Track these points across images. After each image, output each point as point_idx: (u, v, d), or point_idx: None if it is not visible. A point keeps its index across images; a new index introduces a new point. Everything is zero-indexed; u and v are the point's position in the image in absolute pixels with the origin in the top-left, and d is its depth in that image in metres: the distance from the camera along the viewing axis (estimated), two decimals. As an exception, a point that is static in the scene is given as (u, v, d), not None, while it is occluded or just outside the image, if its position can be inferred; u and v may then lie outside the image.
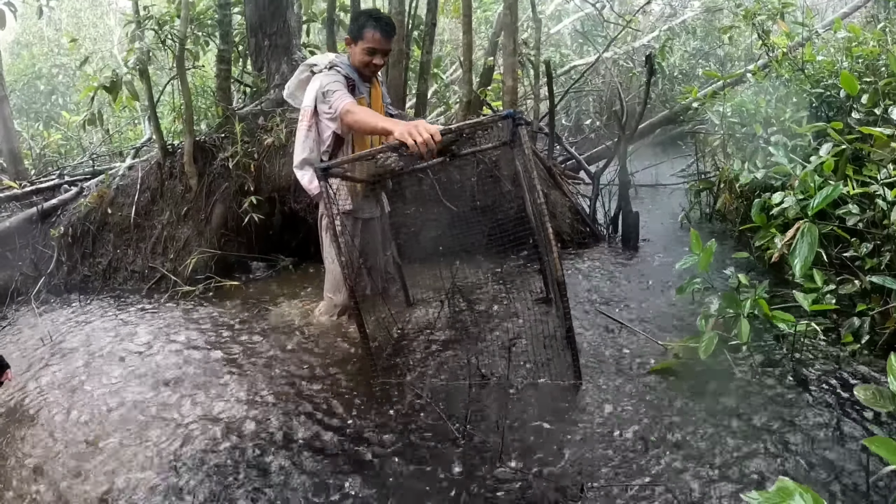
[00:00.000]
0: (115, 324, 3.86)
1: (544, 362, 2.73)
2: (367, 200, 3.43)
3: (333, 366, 2.94)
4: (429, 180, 4.40)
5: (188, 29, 5.16)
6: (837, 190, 2.44)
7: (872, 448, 1.36)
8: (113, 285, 4.80)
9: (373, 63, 3.20)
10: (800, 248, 2.42)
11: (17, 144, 8.81)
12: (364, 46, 3.15)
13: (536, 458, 2.06)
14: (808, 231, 2.42)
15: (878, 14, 6.42)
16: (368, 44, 3.14)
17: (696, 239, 2.64)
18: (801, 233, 2.44)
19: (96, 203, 5.07)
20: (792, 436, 2.03)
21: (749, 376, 2.43)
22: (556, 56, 8.98)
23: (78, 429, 2.52)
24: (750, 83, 4.82)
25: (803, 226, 2.45)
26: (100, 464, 2.25)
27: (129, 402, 2.71)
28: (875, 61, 3.71)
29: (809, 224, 2.44)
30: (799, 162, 2.97)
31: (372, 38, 3.13)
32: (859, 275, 2.66)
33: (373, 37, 3.13)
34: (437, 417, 2.36)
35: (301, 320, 3.58)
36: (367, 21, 3.16)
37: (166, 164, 4.91)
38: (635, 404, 2.35)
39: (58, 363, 3.28)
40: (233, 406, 2.60)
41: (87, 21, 14.92)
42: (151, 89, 5.10)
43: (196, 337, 3.47)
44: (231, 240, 4.56)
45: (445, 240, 3.84)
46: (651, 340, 2.89)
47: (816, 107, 3.83)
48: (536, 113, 6.17)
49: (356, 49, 3.19)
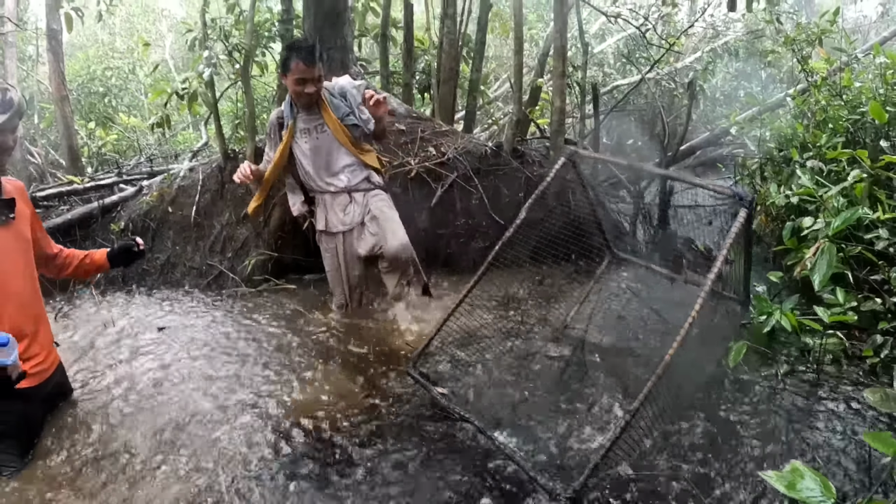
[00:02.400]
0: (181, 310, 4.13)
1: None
2: (343, 214, 3.68)
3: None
4: (478, 194, 4.59)
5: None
6: (856, 214, 2.68)
7: (871, 442, 1.58)
8: (171, 280, 5.06)
9: (305, 92, 3.40)
10: (819, 265, 2.65)
11: (76, 142, 9.21)
12: (293, 78, 3.38)
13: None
14: (828, 250, 2.65)
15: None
16: (296, 74, 3.36)
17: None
18: (821, 251, 2.67)
19: (157, 201, 5.34)
20: (807, 433, 2.24)
21: (773, 383, 2.62)
22: (599, 75, 9.13)
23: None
24: (790, 108, 4.91)
25: (823, 245, 2.67)
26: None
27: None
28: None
29: (829, 244, 2.66)
30: (828, 186, 3.11)
31: (297, 68, 3.35)
32: (883, 295, 2.80)
33: (297, 67, 3.34)
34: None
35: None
36: (290, 54, 3.39)
37: (227, 168, 5.17)
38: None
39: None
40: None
41: (139, 27, 15.44)
42: (216, 97, 5.38)
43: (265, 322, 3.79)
44: (287, 242, 4.78)
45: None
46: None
47: (853, 132, 3.91)
48: (582, 132, 6.33)
49: (288, 82, 3.44)
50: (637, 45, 8.88)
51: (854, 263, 2.96)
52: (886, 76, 3.96)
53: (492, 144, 5.04)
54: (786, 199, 3.63)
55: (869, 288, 2.96)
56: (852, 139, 3.86)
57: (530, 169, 4.91)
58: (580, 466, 2.09)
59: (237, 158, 5.19)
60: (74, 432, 2.55)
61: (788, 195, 3.64)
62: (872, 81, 4.22)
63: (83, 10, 9.68)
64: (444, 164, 4.76)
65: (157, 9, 15.95)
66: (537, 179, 4.84)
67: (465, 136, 5.10)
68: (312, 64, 3.37)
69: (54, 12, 9.52)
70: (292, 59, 3.36)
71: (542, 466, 2.16)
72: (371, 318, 3.81)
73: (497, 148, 4.96)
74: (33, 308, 2.54)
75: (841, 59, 5.00)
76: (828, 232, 2.70)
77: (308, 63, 3.35)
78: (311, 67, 3.37)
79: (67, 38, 15.64)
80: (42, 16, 10.46)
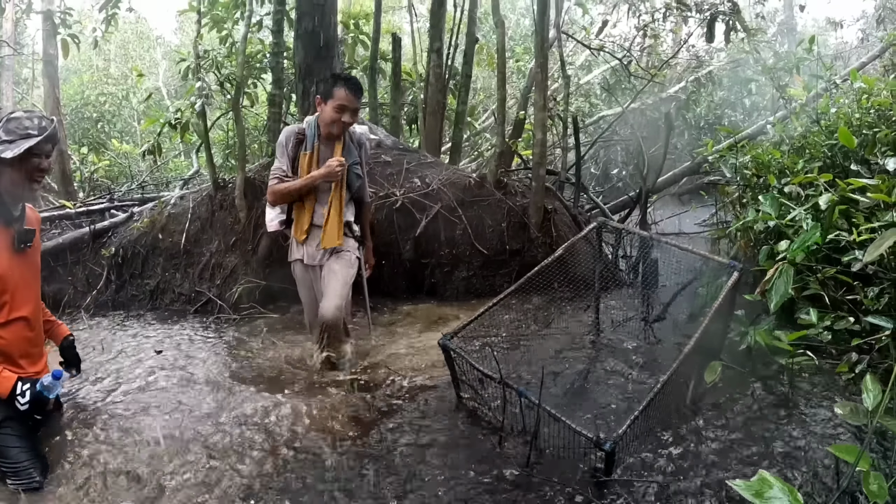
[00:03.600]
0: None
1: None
2: (316, 251, 3.66)
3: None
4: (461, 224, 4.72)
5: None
6: (815, 236, 2.78)
7: (836, 453, 1.70)
8: (160, 305, 5.14)
9: (342, 120, 3.46)
10: (777, 286, 2.75)
11: (69, 166, 9.32)
12: (334, 104, 3.42)
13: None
14: (785, 271, 2.76)
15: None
16: (338, 101, 3.40)
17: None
18: (779, 272, 2.78)
19: (148, 228, 5.43)
20: (778, 445, 2.32)
21: (749, 401, 2.70)
22: (585, 106, 9.33)
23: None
24: (770, 135, 5.04)
25: (781, 266, 2.78)
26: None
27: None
28: (888, 111, 3.82)
29: (786, 265, 2.77)
30: (797, 210, 3.24)
31: (341, 95, 3.40)
32: (858, 314, 2.92)
33: (343, 95, 3.40)
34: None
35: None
36: (337, 81, 3.47)
37: (217, 197, 5.28)
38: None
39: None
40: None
41: (134, 53, 15.64)
42: (207, 127, 5.50)
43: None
44: (275, 270, 4.87)
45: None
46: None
47: (831, 157, 3.99)
48: (564, 163, 6.48)
49: (327, 108, 3.46)
50: (621, 77, 9.10)
51: (831, 285, 3.09)
52: (862, 101, 4.08)
53: (476, 176, 5.17)
54: (764, 225, 3.75)
55: (847, 308, 3.08)
56: (830, 163, 3.95)
57: (513, 200, 5.04)
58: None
59: (227, 187, 5.30)
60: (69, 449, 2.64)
61: (765, 219, 3.76)
62: (849, 106, 4.32)
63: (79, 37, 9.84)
64: (429, 195, 4.88)
65: (151, 36, 16.16)
66: (520, 210, 4.97)
67: (450, 168, 5.24)
68: (357, 95, 3.49)
69: (51, 38, 9.70)
70: (338, 86, 3.43)
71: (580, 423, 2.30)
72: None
73: (481, 179, 5.09)
74: (40, 333, 2.68)
75: (819, 86, 5.15)
76: (788, 254, 2.82)
77: (353, 93, 3.45)
78: (356, 98, 3.48)
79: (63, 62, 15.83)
80: (39, 40, 10.63)
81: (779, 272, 2.78)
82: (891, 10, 12.76)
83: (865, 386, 1.94)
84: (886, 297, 2.87)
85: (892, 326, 2.67)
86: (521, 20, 14.73)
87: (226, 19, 6.98)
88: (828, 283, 3.09)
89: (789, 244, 3.06)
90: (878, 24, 12.88)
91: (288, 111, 6.58)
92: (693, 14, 6.81)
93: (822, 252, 3.17)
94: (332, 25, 5.76)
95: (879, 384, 1.93)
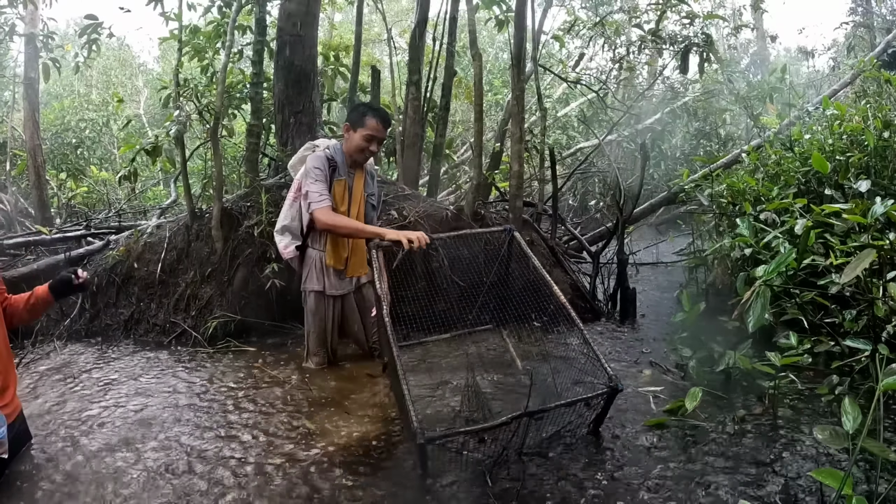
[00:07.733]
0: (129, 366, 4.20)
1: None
2: (339, 280, 3.75)
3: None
4: (439, 256, 4.74)
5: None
6: (790, 258, 2.85)
7: (819, 477, 1.73)
8: (134, 336, 5.07)
9: (369, 149, 3.55)
10: (753, 308, 2.81)
11: (46, 192, 9.25)
12: (364, 133, 3.52)
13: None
14: (762, 293, 2.81)
15: (867, 88, 6.70)
16: (369, 131, 3.51)
17: (686, 298, 3.17)
18: (755, 294, 2.83)
19: (123, 256, 5.39)
20: (760, 470, 2.31)
21: (731, 428, 2.71)
22: (563, 138, 9.48)
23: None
24: (745, 163, 5.15)
25: (758, 288, 2.83)
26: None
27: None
28: (859, 136, 3.95)
29: (763, 287, 2.82)
30: (773, 234, 3.31)
31: (371, 125, 3.51)
32: (836, 337, 2.97)
33: (374, 125, 3.51)
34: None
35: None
36: (368, 110, 3.57)
37: (194, 227, 5.25)
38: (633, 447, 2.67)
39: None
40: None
41: (115, 80, 15.62)
42: (185, 155, 5.50)
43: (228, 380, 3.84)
44: (251, 302, 4.84)
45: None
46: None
47: (805, 183, 4.09)
48: (541, 195, 6.55)
49: (355, 135, 3.55)
50: (598, 109, 9.26)
51: (810, 309, 3.15)
52: (834, 127, 4.20)
53: (453, 208, 5.21)
54: (741, 252, 3.82)
55: (826, 332, 3.14)
56: (805, 189, 4.06)
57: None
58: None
59: (204, 217, 5.28)
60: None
61: (742, 247, 3.83)
62: (822, 133, 4.45)
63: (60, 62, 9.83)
64: (406, 227, 4.90)
65: (134, 63, 16.17)
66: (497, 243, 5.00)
67: (428, 200, 5.27)
68: (387, 126, 3.56)
69: (33, 61, 9.69)
70: (369, 116, 3.52)
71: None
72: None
73: (458, 211, 5.13)
74: (5, 362, 2.64)
75: (792, 114, 5.28)
76: (764, 277, 2.87)
77: (383, 123, 3.54)
78: (385, 129, 3.56)
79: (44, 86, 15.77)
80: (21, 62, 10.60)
81: (755, 294, 2.84)
82: (861, 39, 13.16)
83: (844, 409, 1.96)
84: (864, 318, 2.94)
85: (871, 348, 2.73)
86: (499, 54, 14.99)
87: (207, 49, 7.03)
88: (806, 307, 3.15)
89: (766, 268, 3.14)
90: (848, 52, 13.32)
91: (267, 142, 6.61)
92: (667, 46, 6.99)
93: (799, 277, 3.25)
94: (311, 57, 5.82)
95: (858, 407, 1.95)
